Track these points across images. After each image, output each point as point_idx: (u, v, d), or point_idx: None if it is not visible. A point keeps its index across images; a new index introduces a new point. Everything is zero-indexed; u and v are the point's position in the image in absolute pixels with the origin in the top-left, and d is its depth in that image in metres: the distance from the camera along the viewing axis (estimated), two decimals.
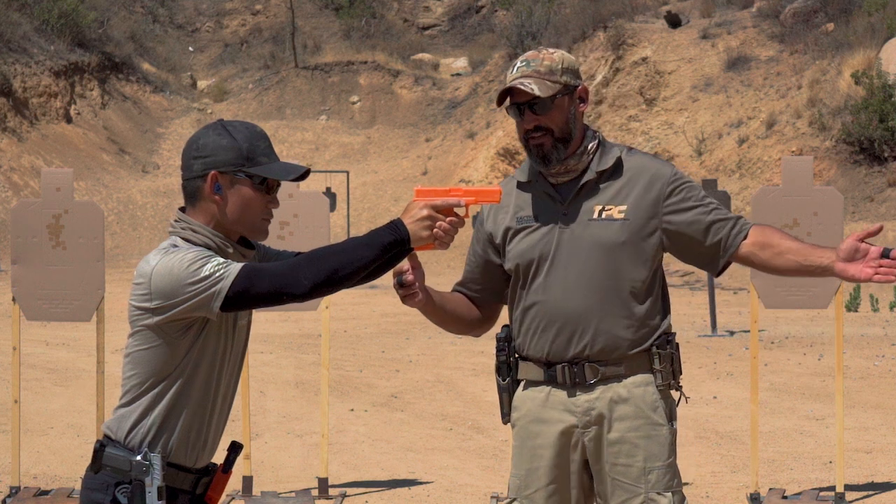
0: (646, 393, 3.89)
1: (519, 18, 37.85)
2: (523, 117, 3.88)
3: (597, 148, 3.94)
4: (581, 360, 3.88)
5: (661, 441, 3.89)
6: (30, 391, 11.23)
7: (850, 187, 25.21)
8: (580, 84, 3.92)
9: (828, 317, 15.90)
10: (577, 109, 3.91)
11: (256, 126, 3.40)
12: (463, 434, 9.81)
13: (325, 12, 45.92)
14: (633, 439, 3.87)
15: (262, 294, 3.25)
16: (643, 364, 3.89)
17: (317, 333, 15.17)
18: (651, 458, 3.87)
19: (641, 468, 3.86)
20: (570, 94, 3.90)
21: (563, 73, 3.88)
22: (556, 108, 3.87)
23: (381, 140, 37.75)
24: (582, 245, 3.87)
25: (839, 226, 7.75)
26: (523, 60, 3.90)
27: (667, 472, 3.89)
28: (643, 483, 3.86)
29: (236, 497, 7.84)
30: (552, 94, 3.84)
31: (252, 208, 3.35)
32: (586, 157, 3.92)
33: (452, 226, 3.37)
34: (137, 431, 3.31)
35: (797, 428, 9.94)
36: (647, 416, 3.88)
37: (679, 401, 4.01)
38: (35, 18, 36.62)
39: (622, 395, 3.88)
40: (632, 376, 3.89)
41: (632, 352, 3.87)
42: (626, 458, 3.87)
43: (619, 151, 3.94)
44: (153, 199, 33.40)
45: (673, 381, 3.92)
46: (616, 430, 3.87)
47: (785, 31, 31.64)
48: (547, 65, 3.87)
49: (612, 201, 3.88)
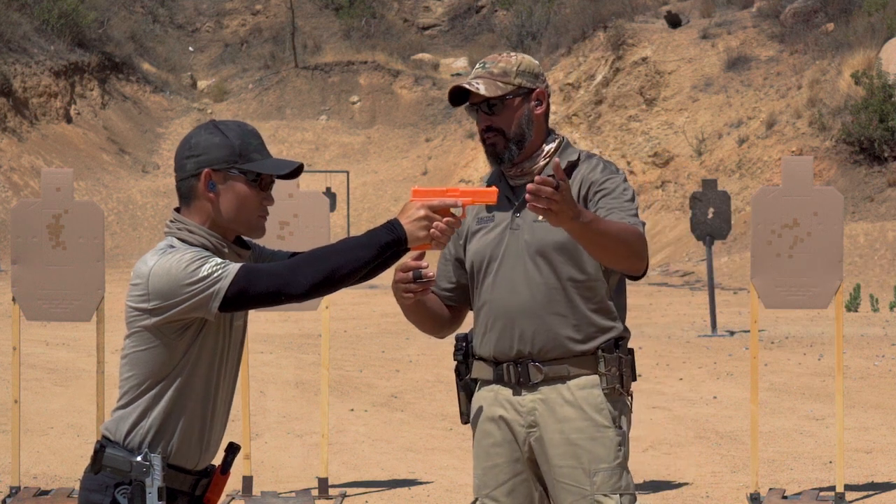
0: (590, 395, 3.88)
1: (519, 18, 37.86)
2: (478, 116, 3.94)
3: (555, 151, 3.97)
4: (525, 360, 3.90)
5: (607, 443, 3.87)
6: (30, 391, 11.23)
7: (850, 187, 25.21)
8: (538, 87, 3.95)
9: (828, 317, 15.90)
10: (532, 112, 3.94)
11: (248, 124, 3.41)
12: (463, 434, 9.81)
13: (325, 12, 45.92)
14: (577, 441, 3.87)
15: (260, 294, 3.25)
16: (589, 366, 3.89)
17: (317, 333, 15.17)
18: (595, 460, 3.86)
19: (586, 470, 3.86)
20: (525, 96, 3.93)
21: (518, 75, 3.92)
22: (508, 109, 3.91)
23: (381, 140, 37.76)
24: (527, 246, 3.90)
25: (839, 226, 7.75)
26: (482, 62, 3.99)
27: (613, 473, 3.87)
28: (588, 485, 3.85)
29: (236, 497, 7.83)
30: (500, 94, 3.89)
31: (247, 205, 3.35)
32: (542, 160, 3.96)
33: (449, 226, 3.38)
34: (136, 433, 3.31)
35: (797, 428, 9.93)
36: (592, 419, 3.87)
37: (631, 406, 3.98)
38: (35, 18, 36.62)
39: (566, 397, 3.89)
40: (577, 378, 3.89)
41: (575, 353, 3.88)
42: (571, 460, 3.87)
43: (575, 156, 3.96)
44: (153, 199, 33.40)
45: (619, 386, 3.90)
46: (559, 432, 3.88)
47: (785, 31, 31.64)
48: (501, 66, 3.93)
49: None
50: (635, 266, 3.82)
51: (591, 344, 3.89)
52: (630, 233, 3.77)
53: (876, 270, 22.24)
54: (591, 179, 3.91)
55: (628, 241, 3.76)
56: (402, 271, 3.68)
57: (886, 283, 21.24)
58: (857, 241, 23.05)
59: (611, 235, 3.72)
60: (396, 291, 3.73)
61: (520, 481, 3.96)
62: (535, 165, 3.96)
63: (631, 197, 3.91)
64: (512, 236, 3.93)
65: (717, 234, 16.14)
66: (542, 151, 3.97)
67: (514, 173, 3.98)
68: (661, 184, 29.12)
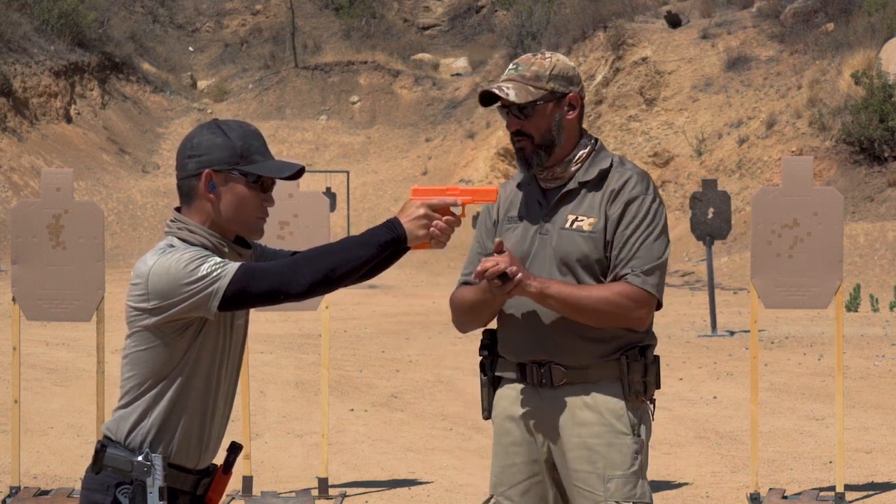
0: (611, 401, 3.85)
1: (519, 18, 37.85)
2: (508, 120, 3.88)
3: (587, 157, 3.91)
4: (548, 362, 3.87)
5: (623, 450, 3.84)
6: (30, 391, 11.23)
7: (850, 187, 25.21)
8: (571, 91, 3.87)
9: (828, 317, 15.90)
10: (563, 117, 3.87)
11: (251, 125, 3.40)
12: (463, 434, 9.81)
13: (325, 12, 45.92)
14: (594, 446, 3.84)
15: (259, 293, 3.24)
16: (612, 372, 3.86)
17: (317, 333, 15.17)
18: (611, 466, 3.83)
19: (601, 476, 3.83)
20: (557, 102, 3.86)
21: (551, 79, 3.84)
22: (538, 114, 3.84)
23: (381, 140, 37.75)
24: (551, 252, 3.87)
25: (839, 226, 7.75)
26: (515, 63, 3.90)
27: (627, 481, 3.84)
28: (602, 491, 3.83)
29: (236, 497, 7.83)
30: (531, 100, 3.82)
31: (247, 207, 3.35)
32: (573, 165, 3.90)
33: (449, 225, 3.37)
34: (137, 432, 3.31)
35: (797, 428, 9.93)
36: (610, 424, 3.84)
37: (652, 415, 3.96)
38: (35, 18, 36.62)
39: (586, 401, 3.86)
40: (598, 383, 3.86)
41: (598, 359, 3.85)
42: (587, 465, 3.85)
43: (608, 162, 3.90)
44: (153, 199, 33.40)
45: (641, 393, 3.88)
46: (577, 436, 3.85)
47: (785, 31, 31.64)
48: (535, 70, 3.85)
49: (586, 212, 3.86)
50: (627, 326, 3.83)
51: (614, 351, 3.86)
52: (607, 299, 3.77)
53: (876, 270, 22.24)
54: (617, 193, 3.84)
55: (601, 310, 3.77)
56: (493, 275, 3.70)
57: (886, 283, 21.24)
58: (857, 241, 23.05)
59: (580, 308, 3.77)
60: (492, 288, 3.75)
61: (535, 482, 3.94)
62: (566, 170, 3.90)
63: (651, 231, 3.83)
64: (541, 241, 3.89)
65: (717, 234, 16.13)
66: (574, 156, 3.90)
67: (546, 177, 3.92)
68: (661, 184, 29.11)
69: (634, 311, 3.79)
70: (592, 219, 3.85)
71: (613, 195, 3.84)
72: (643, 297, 3.79)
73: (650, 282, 3.80)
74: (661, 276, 3.84)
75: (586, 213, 3.86)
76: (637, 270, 3.79)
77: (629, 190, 3.84)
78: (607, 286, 3.79)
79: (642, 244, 3.81)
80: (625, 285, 3.78)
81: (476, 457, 9.05)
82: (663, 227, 3.86)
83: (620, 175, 3.87)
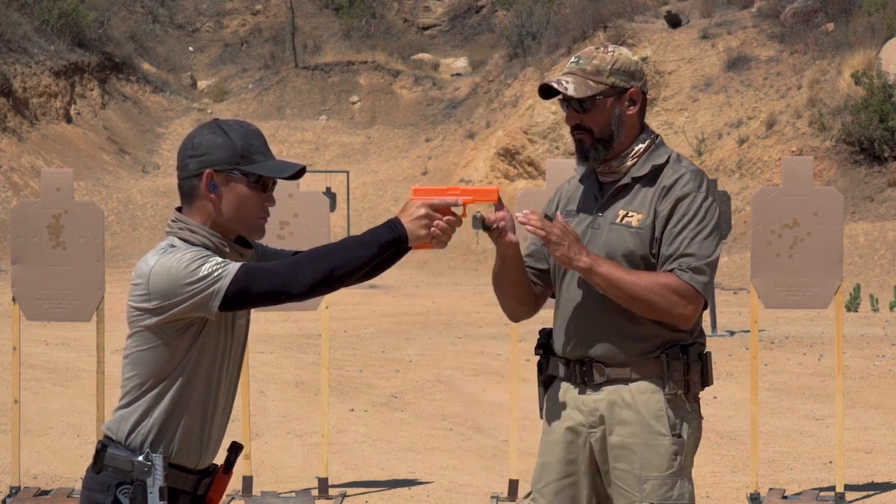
0: (650, 400, 3.83)
1: (519, 18, 37.83)
2: (567, 113, 3.87)
3: (643, 152, 3.88)
4: (589, 360, 3.86)
5: (661, 451, 3.82)
6: (30, 391, 11.22)
7: (850, 187, 25.20)
8: (632, 87, 3.85)
9: (828, 317, 15.90)
10: (624, 112, 3.84)
11: (252, 125, 3.40)
12: (463, 434, 9.81)
13: (325, 12, 45.90)
14: (632, 445, 3.82)
15: (260, 293, 3.24)
16: (653, 370, 3.84)
17: (317, 333, 15.17)
18: (648, 467, 3.81)
19: (637, 476, 3.81)
20: (618, 96, 3.83)
21: (612, 74, 3.82)
22: (598, 108, 3.82)
23: (381, 140, 37.75)
24: (601, 246, 3.84)
25: (839, 226, 7.75)
26: (576, 56, 3.89)
27: (664, 483, 3.82)
28: (638, 492, 3.81)
29: (236, 497, 7.83)
30: (590, 95, 3.80)
31: (248, 207, 3.35)
32: (629, 160, 3.88)
33: (450, 225, 3.37)
34: (138, 432, 3.31)
35: (797, 428, 9.93)
36: (649, 425, 3.82)
37: (696, 414, 3.91)
38: (35, 18, 36.61)
39: (626, 400, 3.84)
40: (639, 381, 3.84)
41: (638, 357, 3.83)
42: (624, 464, 3.83)
43: (663, 158, 3.88)
44: (153, 199, 33.39)
45: (682, 392, 3.84)
46: (617, 434, 3.84)
47: (785, 31, 31.64)
48: (595, 64, 3.83)
49: (637, 208, 3.84)
50: (670, 321, 3.79)
51: (654, 349, 3.83)
52: (654, 289, 3.73)
53: (876, 270, 22.24)
54: (668, 189, 3.82)
55: (646, 299, 3.73)
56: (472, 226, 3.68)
57: (886, 283, 21.24)
58: (857, 241, 23.05)
59: (625, 291, 3.72)
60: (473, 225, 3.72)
61: (568, 483, 3.93)
62: (622, 165, 3.88)
63: (701, 228, 3.79)
64: (593, 235, 3.87)
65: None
66: (631, 151, 3.88)
67: (604, 170, 3.91)
68: None
69: (680, 306, 3.76)
70: (641, 215, 3.82)
71: (664, 192, 3.82)
72: (690, 294, 3.76)
73: (698, 279, 3.77)
74: (710, 275, 3.80)
75: (637, 208, 3.84)
76: (686, 267, 3.76)
77: (681, 187, 3.81)
78: (656, 275, 3.75)
79: (692, 241, 3.77)
80: (674, 278, 3.74)
81: (476, 457, 9.05)
82: (714, 226, 3.82)
83: (674, 172, 3.84)
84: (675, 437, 3.84)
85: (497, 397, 11.16)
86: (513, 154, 32.29)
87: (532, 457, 9.49)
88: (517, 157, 32.16)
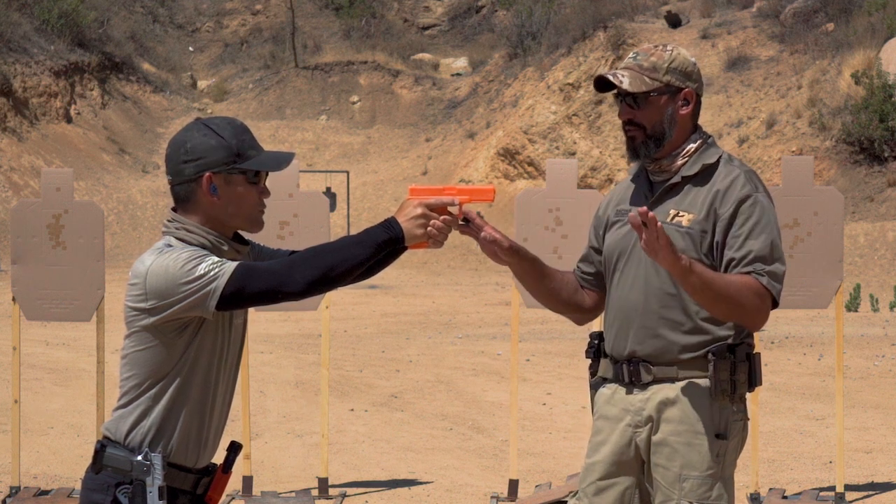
0: (695, 400, 3.82)
1: (519, 18, 37.84)
2: (621, 108, 3.88)
3: (694, 151, 3.88)
4: (637, 359, 3.86)
5: (702, 451, 3.81)
6: (30, 391, 11.22)
7: (850, 187, 25.21)
8: (687, 87, 3.87)
9: (828, 317, 15.90)
10: (677, 111, 3.85)
11: (237, 120, 3.40)
12: (463, 434, 9.81)
13: (325, 12, 45.90)
14: (674, 444, 3.83)
15: (257, 292, 3.24)
16: (699, 370, 3.82)
17: (317, 333, 15.17)
18: (688, 466, 3.81)
19: (677, 474, 3.82)
20: (672, 95, 3.85)
21: (668, 72, 3.84)
22: (652, 105, 3.84)
23: (381, 140, 37.75)
24: None
25: (839, 226, 7.75)
26: (635, 52, 3.90)
27: (703, 483, 3.81)
28: (677, 490, 3.82)
29: (236, 497, 7.83)
30: (644, 90, 3.82)
31: (248, 202, 3.36)
32: (680, 159, 3.88)
33: (446, 224, 3.38)
34: (137, 432, 3.31)
35: (797, 428, 9.94)
36: (692, 424, 3.82)
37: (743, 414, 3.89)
38: (35, 18, 36.61)
39: (671, 398, 3.84)
40: (685, 381, 3.83)
41: (684, 356, 3.82)
42: (666, 461, 3.84)
43: (714, 158, 3.87)
44: (153, 199, 33.39)
45: (728, 392, 3.81)
46: (661, 432, 3.84)
47: (785, 31, 31.64)
48: (653, 61, 3.85)
49: (687, 208, 3.84)
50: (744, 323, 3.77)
51: (700, 350, 3.82)
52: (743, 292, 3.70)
53: (876, 270, 22.24)
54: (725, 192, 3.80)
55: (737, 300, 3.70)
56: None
57: (886, 283, 21.24)
58: (857, 241, 23.05)
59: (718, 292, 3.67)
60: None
61: (609, 485, 3.93)
62: (673, 164, 3.88)
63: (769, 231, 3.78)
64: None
65: None
66: (682, 150, 3.88)
67: (654, 169, 3.91)
68: None
69: (761, 310, 3.74)
70: (692, 215, 3.82)
71: (721, 194, 3.80)
72: (768, 298, 3.75)
73: (776, 286, 3.77)
74: (781, 277, 3.79)
75: (687, 208, 3.83)
76: (763, 271, 3.75)
77: (738, 188, 3.80)
78: (740, 277, 3.73)
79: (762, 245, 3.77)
80: (755, 282, 3.73)
81: (476, 457, 9.05)
82: (777, 226, 3.82)
83: (727, 173, 3.84)
84: (718, 437, 3.84)
85: (497, 397, 11.16)
86: (513, 154, 32.29)
87: (532, 457, 9.50)
88: (517, 157, 32.16)
